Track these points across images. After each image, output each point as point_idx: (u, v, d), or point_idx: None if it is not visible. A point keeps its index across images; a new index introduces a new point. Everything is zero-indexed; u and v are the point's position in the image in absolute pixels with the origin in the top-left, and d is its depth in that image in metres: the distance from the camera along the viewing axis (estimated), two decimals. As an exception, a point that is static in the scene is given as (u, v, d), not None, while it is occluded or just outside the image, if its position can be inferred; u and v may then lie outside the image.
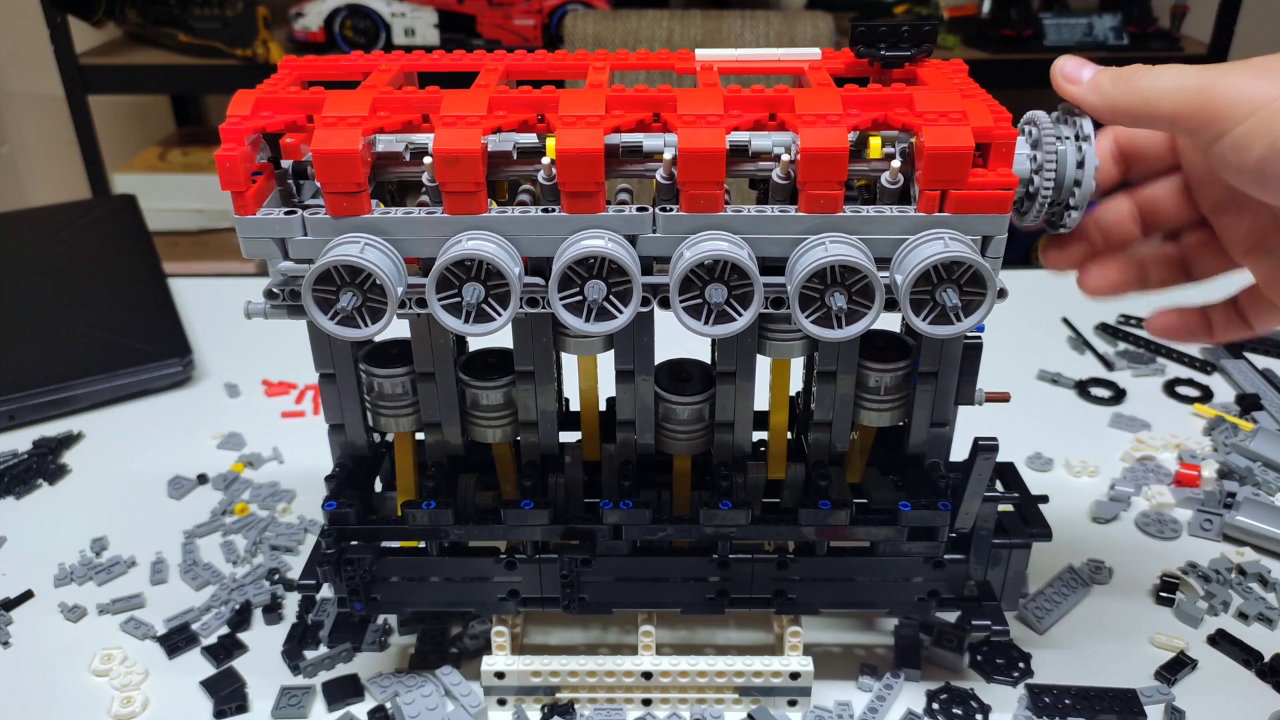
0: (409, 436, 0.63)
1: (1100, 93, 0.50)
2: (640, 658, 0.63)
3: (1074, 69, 0.52)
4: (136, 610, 0.71)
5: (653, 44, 1.63)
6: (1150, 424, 0.91)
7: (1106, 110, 0.50)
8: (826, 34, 1.60)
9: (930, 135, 0.48)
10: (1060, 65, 0.52)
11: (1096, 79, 0.51)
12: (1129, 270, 0.58)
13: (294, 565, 0.76)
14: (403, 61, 0.59)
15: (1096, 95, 0.50)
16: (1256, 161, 0.46)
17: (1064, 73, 0.52)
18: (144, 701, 0.64)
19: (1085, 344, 1.04)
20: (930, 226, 0.50)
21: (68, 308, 1.04)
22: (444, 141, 0.49)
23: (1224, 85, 0.46)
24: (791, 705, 0.63)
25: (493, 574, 0.62)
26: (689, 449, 0.62)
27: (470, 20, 2.01)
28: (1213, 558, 0.75)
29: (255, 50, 1.96)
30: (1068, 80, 0.51)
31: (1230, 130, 0.46)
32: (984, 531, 0.60)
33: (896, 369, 0.59)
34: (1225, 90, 0.46)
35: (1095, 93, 0.50)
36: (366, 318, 0.51)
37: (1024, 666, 0.65)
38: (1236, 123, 0.46)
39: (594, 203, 0.50)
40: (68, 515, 0.81)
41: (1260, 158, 0.45)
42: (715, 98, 0.51)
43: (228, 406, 0.96)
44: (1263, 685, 0.65)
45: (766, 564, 0.61)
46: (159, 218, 1.62)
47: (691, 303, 0.50)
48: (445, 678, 0.64)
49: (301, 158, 0.53)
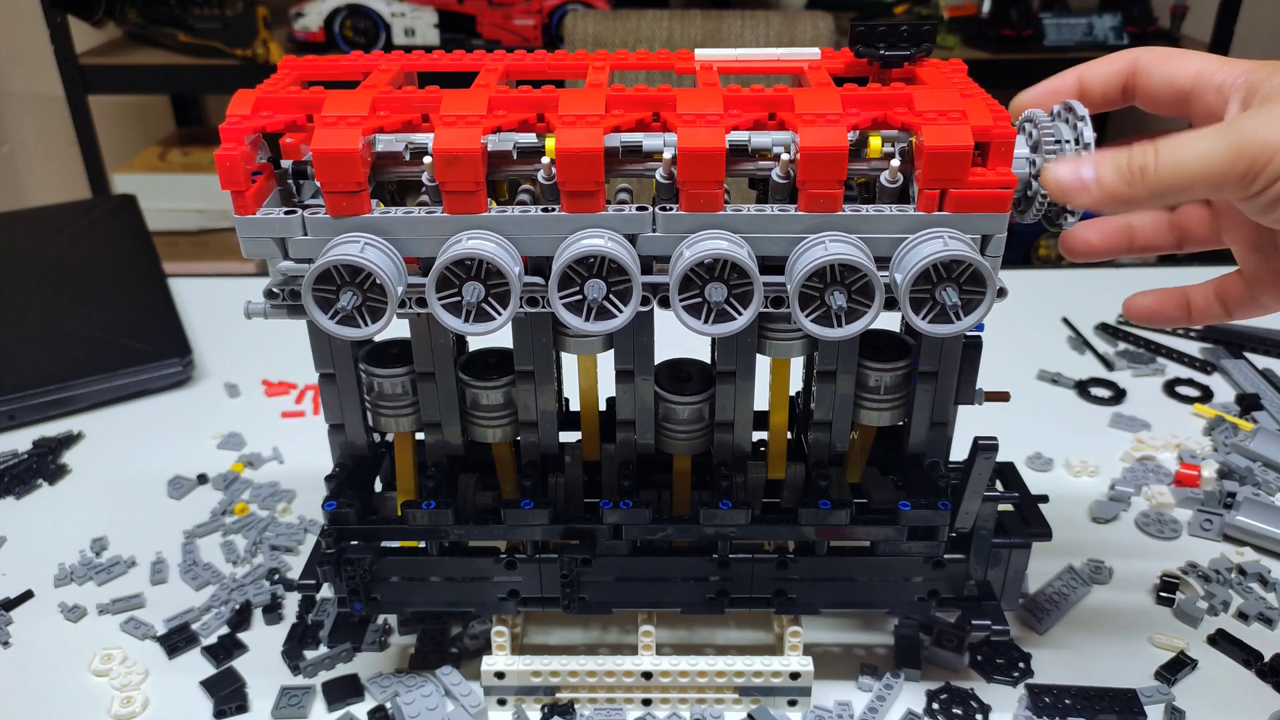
0: (409, 436, 0.63)
1: (1116, 198, 0.46)
2: (640, 658, 0.63)
3: (1070, 178, 0.47)
4: (136, 610, 0.71)
5: (653, 44, 1.63)
6: (1150, 424, 0.91)
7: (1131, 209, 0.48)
8: (826, 34, 1.60)
9: (930, 134, 0.48)
10: (1055, 179, 0.47)
11: (1105, 185, 0.46)
12: (1116, 232, 0.57)
13: (294, 565, 0.76)
14: (403, 61, 0.59)
15: (1113, 200, 0.46)
16: None
17: (1063, 186, 0.47)
18: (144, 701, 0.64)
19: (1085, 344, 1.04)
20: (930, 225, 0.50)
21: (68, 308, 1.04)
22: (444, 141, 0.49)
23: (1258, 141, 0.44)
24: (791, 705, 0.63)
25: (493, 574, 0.62)
26: (689, 449, 0.62)
27: (470, 20, 2.01)
28: (1213, 558, 0.75)
29: (255, 50, 1.96)
30: (1074, 193, 0.47)
31: (1273, 185, 0.44)
32: (984, 531, 0.60)
33: (896, 368, 0.59)
34: (1261, 147, 0.43)
35: (1110, 198, 0.46)
36: (366, 317, 0.51)
37: (1024, 666, 0.65)
38: (1274, 177, 0.44)
39: (594, 202, 0.50)
40: (68, 515, 0.81)
41: None
42: (715, 97, 0.51)
43: (228, 406, 0.96)
44: (1263, 685, 0.65)
45: (766, 564, 0.61)
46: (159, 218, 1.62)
47: (691, 302, 0.50)
48: (445, 678, 0.64)
49: (301, 157, 0.53)
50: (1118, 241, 0.58)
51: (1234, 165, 0.44)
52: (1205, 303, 0.58)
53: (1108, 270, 1.21)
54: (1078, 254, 0.57)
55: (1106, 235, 0.57)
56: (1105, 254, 0.58)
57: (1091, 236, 0.57)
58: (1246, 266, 0.55)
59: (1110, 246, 0.58)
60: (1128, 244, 0.58)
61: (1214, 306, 0.57)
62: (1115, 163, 0.46)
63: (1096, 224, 0.58)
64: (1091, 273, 1.19)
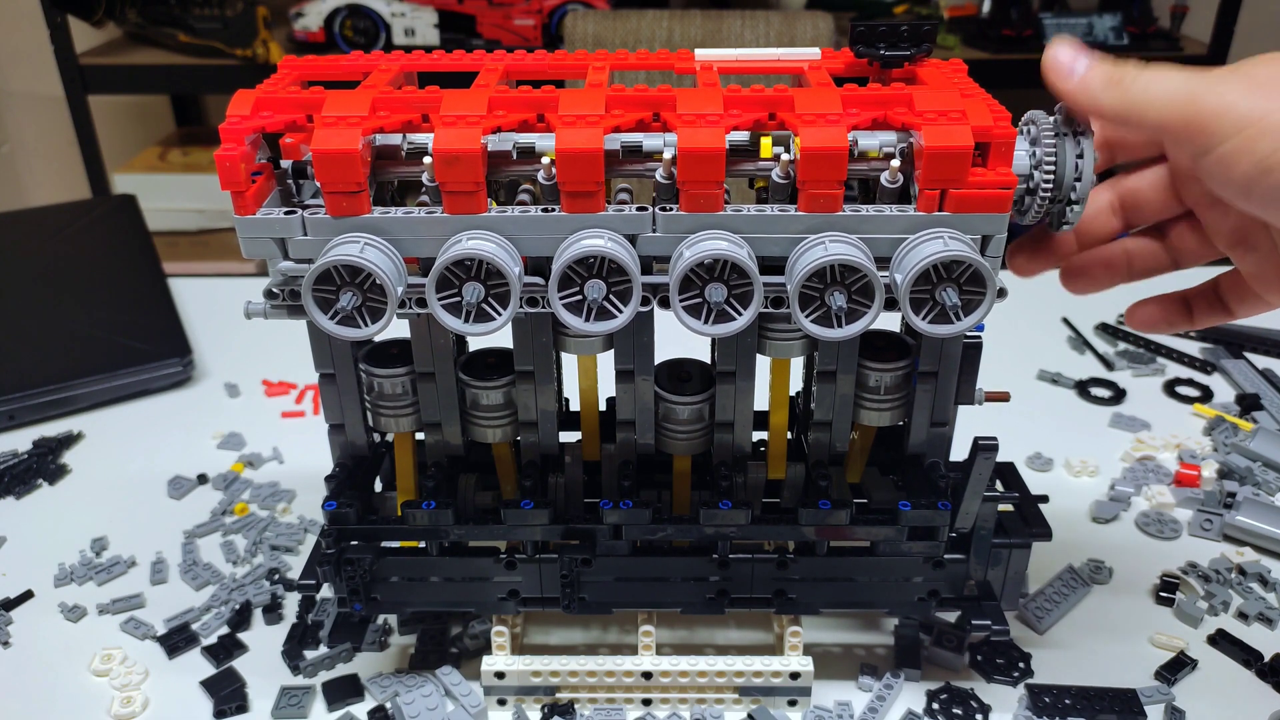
0: (409, 436, 0.63)
1: (1089, 94, 0.49)
2: (640, 658, 0.63)
3: (1067, 60, 0.49)
4: (136, 610, 0.71)
5: (653, 44, 1.63)
6: (1150, 424, 0.91)
7: (1093, 112, 0.50)
8: (826, 34, 1.60)
9: (930, 135, 0.48)
10: (1053, 54, 0.50)
11: (1087, 80, 0.49)
12: (1113, 264, 0.58)
13: (294, 565, 0.76)
14: (403, 61, 0.59)
15: (1085, 96, 0.49)
16: (1242, 178, 0.45)
17: (1056, 63, 0.50)
18: (144, 701, 0.64)
19: (1085, 344, 1.04)
20: (930, 226, 0.50)
21: (68, 308, 1.04)
22: (444, 141, 0.49)
23: (1213, 99, 0.45)
24: (791, 705, 0.63)
25: (493, 574, 0.62)
26: (689, 449, 0.62)
27: (470, 20, 2.01)
28: (1213, 558, 0.75)
29: (255, 50, 1.96)
30: (1059, 74, 0.49)
31: (1216, 146, 0.45)
32: (984, 531, 0.60)
33: (896, 369, 0.59)
34: (1214, 105, 0.45)
35: (1084, 93, 0.49)
36: (366, 317, 0.51)
37: (1024, 666, 0.65)
38: (1223, 139, 0.45)
39: (594, 202, 0.50)
40: (68, 515, 0.81)
41: (1245, 175, 0.45)
42: (715, 97, 0.51)
43: (228, 406, 0.96)
44: (1263, 685, 0.65)
45: (766, 564, 0.61)
46: (159, 218, 1.62)
47: (691, 302, 0.50)
48: (445, 678, 0.64)
49: (301, 157, 0.53)
50: (1117, 269, 0.58)
51: (1186, 109, 0.45)
52: (1206, 304, 0.58)
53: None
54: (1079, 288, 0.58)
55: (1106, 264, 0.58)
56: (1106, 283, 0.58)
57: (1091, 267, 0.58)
58: (1244, 265, 0.55)
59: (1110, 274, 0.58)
60: (1126, 270, 0.58)
61: (1215, 307, 0.58)
62: (1105, 66, 0.49)
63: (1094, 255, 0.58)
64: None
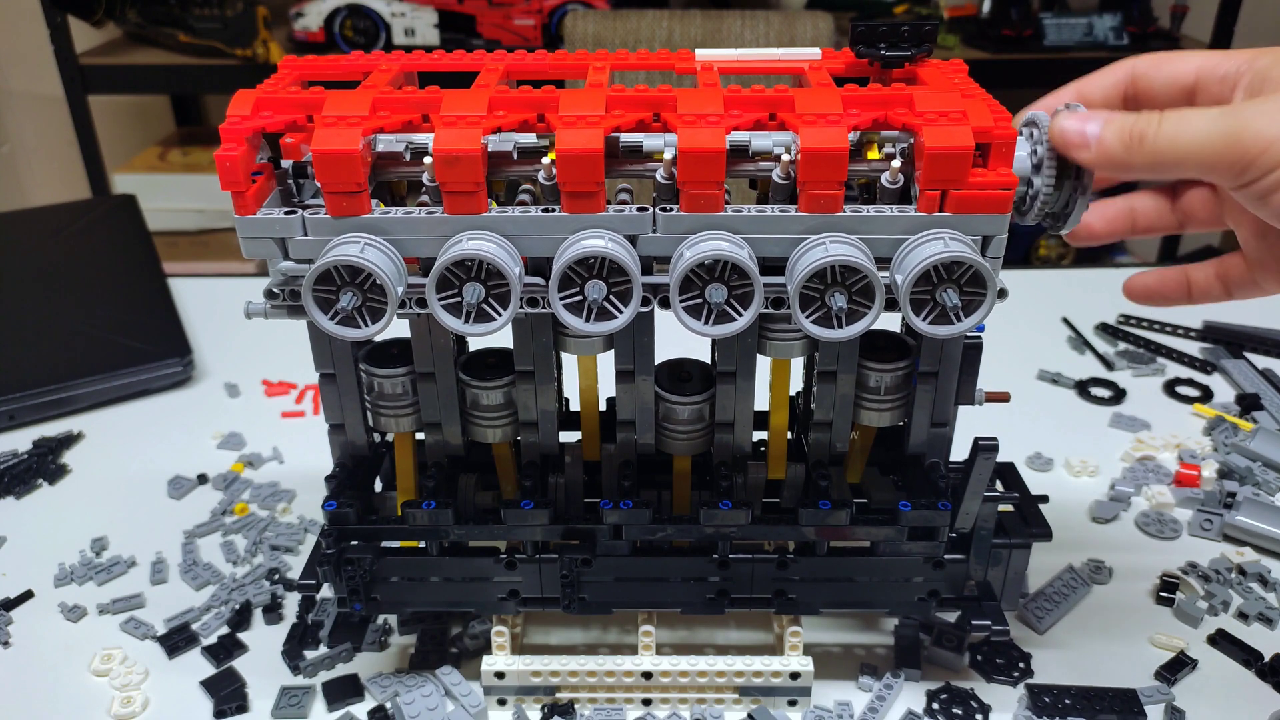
0: (409, 436, 0.63)
1: (1113, 160, 0.47)
2: (640, 658, 0.63)
3: (1076, 130, 0.48)
4: (136, 610, 0.71)
5: (653, 44, 1.63)
6: (1150, 424, 0.91)
7: (1125, 175, 0.48)
8: (826, 34, 1.60)
9: (930, 135, 0.48)
10: (1060, 130, 0.48)
11: (1105, 145, 0.47)
12: (1119, 216, 0.57)
13: (294, 565, 0.76)
14: (403, 61, 0.59)
15: (1109, 161, 0.47)
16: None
17: (1066, 138, 0.48)
18: (144, 701, 0.64)
19: (1085, 344, 1.04)
20: (930, 226, 0.50)
21: (68, 308, 1.04)
22: (444, 141, 0.49)
23: (1253, 132, 0.44)
24: (791, 705, 0.63)
25: (493, 574, 0.62)
26: (689, 449, 0.62)
27: (470, 20, 2.01)
28: (1213, 558, 0.75)
29: (255, 50, 1.96)
30: (1075, 147, 0.48)
31: (1262, 178, 0.44)
32: (984, 531, 0.60)
33: (896, 369, 0.59)
34: (1256, 138, 0.43)
35: (1107, 159, 0.47)
36: (366, 318, 0.51)
37: (1024, 666, 0.65)
38: (1267, 170, 0.44)
39: (594, 203, 0.50)
40: (68, 515, 0.81)
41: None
42: (715, 98, 0.51)
43: (228, 406, 0.96)
44: (1263, 685, 0.65)
45: (766, 564, 0.61)
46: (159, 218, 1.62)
47: (691, 303, 0.50)
48: (445, 678, 0.64)
49: (301, 158, 0.53)
50: (1120, 225, 0.57)
51: (1227, 151, 0.44)
52: (1206, 282, 0.57)
53: (1108, 270, 1.21)
54: (1079, 239, 0.57)
55: (1109, 220, 0.57)
56: (1107, 238, 0.58)
57: (1093, 222, 0.57)
58: (1250, 250, 0.55)
59: (1112, 230, 0.57)
60: (1130, 227, 0.58)
61: (1214, 286, 0.57)
62: (1119, 125, 0.47)
63: (1097, 209, 0.58)
64: (1091, 273, 1.19)
